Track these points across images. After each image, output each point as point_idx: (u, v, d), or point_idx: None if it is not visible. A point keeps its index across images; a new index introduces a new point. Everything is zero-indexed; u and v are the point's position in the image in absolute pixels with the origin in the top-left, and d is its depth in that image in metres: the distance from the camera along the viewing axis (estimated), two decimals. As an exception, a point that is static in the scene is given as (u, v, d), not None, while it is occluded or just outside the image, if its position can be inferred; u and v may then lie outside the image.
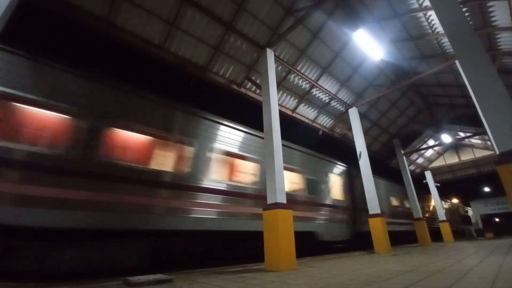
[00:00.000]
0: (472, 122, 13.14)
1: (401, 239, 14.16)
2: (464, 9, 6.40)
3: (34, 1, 4.88)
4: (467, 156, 18.68)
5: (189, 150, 5.74)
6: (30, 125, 3.94)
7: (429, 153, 18.54)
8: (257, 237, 6.04)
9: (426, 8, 7.02)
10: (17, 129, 3.80)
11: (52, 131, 4.12)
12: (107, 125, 4.69)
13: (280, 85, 8.64)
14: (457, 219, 26.16)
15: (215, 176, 6.00)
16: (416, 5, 7.15)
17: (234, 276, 3.73)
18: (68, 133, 4.24)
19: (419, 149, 15.90)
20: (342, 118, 11.33)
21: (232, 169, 6.49)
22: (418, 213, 12.73)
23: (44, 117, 4.09)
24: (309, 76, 8.95)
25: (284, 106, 9.39)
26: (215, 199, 5.82)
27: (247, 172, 6.81)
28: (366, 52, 7.83)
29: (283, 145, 6.60)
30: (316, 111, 10.45)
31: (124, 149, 4.79)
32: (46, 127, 4.08)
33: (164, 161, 5.27)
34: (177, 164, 5.42)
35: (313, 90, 9.52)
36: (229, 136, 6.68)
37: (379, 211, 8.41)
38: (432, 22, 7.51)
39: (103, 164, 4.44)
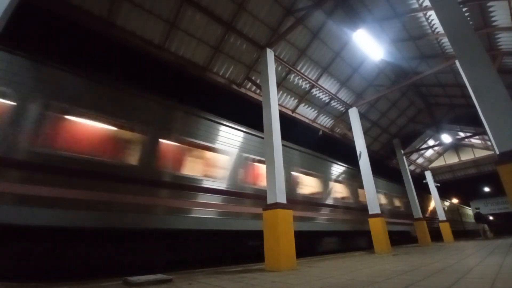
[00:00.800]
0: (472, 122, 13.14)
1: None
2: (464, 9, 6.40)
3: (34, 1, 4.88)
4: (467, 156, 18.67)
5: None
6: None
7: (429, 153, 18.53)
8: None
9: (426, 8, 7.02)
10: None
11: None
12: None
13: (280, 85, 8.64)
14: (470, 219, 26.11)
15: None
16: (416, 5, 7.15)
17: (234, 276, 3.73)
18: None
19: (419, 149, 15.89)
20: (342, 118, 11.33)
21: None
22: (418, 213, 12.73)
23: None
24: (309, 76, 8.94)
25: (284, 106, 9.39)
26: None
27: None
28: (366, 52, 7.83)
29: None
30: (316, 111, 10.44)
31: None
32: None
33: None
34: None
35: (313, 90, 9.52)
36: None
37: (379, 211, 8.40)
38: (432, 22, 7.51)
39: None
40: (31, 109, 4.02)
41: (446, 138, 13.30)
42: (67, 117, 4.37)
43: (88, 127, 4.56)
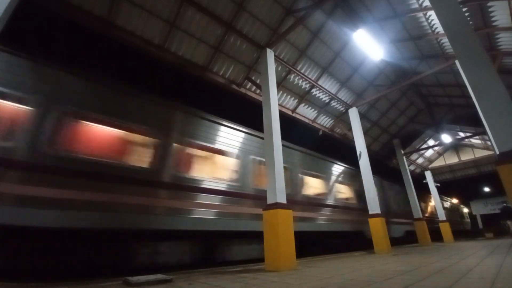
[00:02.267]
0: (472, 122, 13.15)
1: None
2: (464, 9, 6.40)
3: (34, 1, 4.88)
4: (467, 156, 18.66)
5: None
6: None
7: (429, 153, 18.53)
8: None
9: (426, 8, 7.02)
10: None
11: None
12: None
13: (280, 85, 8.64)
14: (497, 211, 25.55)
15: None
16: (416, 5, 7.15)
17: (234, 276, 3.73)
18: None
19: (419, 149, 15.89)
20: (342, 118, 11.33)
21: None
22: (418, 213, 12.74)
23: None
24: (309, 76, 8.94)
25: (284, 106, 9.39)
26: None
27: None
28: (366, 52, 7.83)
29: None
30: (316, 111, 10.44)
31: None
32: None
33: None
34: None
35: (313, 90, 9.51)
36: None
37: (379, 211, 8.40)
38: (432, 22, 7.51)
39: None
40: None
41: (446, 138, 13.29)
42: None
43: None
